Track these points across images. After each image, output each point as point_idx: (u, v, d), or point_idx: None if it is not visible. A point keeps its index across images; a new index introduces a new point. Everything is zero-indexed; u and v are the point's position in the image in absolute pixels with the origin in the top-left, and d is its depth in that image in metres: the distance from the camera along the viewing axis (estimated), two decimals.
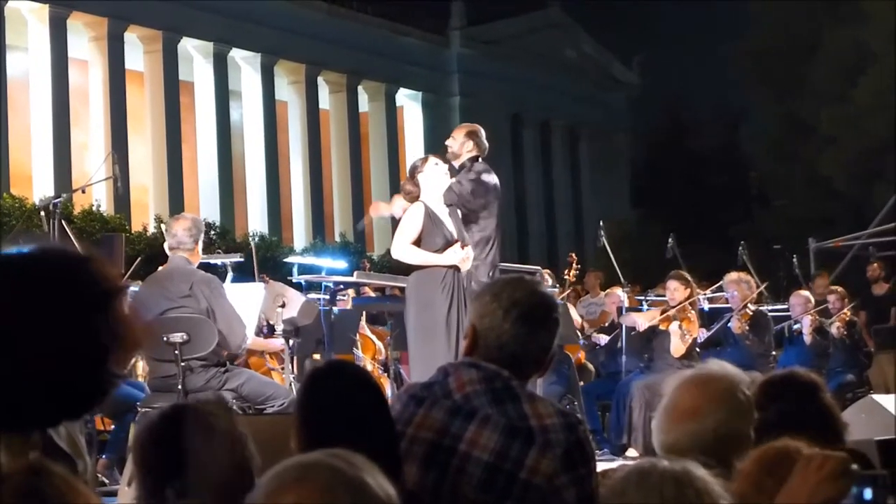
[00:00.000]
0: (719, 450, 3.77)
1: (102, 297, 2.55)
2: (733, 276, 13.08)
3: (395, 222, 9.67)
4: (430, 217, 8.88)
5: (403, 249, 8.88)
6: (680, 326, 11.47)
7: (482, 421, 3.64)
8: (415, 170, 9.12)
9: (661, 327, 11.69)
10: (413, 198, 9.06)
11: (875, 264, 17.82)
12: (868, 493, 2.74)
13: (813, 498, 2.77)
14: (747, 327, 12.30)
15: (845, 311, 14.38)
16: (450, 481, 3.62)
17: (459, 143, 9.86)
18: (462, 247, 8.95)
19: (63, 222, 10.10)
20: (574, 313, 14.44)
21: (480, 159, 9.91)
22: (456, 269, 8.85)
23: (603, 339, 13.41)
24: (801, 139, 40.74)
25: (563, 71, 46.10)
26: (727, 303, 13.27)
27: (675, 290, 11.79)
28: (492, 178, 9.83)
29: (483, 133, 10.10)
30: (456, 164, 9.77)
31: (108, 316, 2.54)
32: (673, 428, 3.85)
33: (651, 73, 51.10)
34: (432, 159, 9.20)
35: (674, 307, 11.69)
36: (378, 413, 3.56)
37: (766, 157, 44.11)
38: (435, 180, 9.02)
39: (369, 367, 11.88)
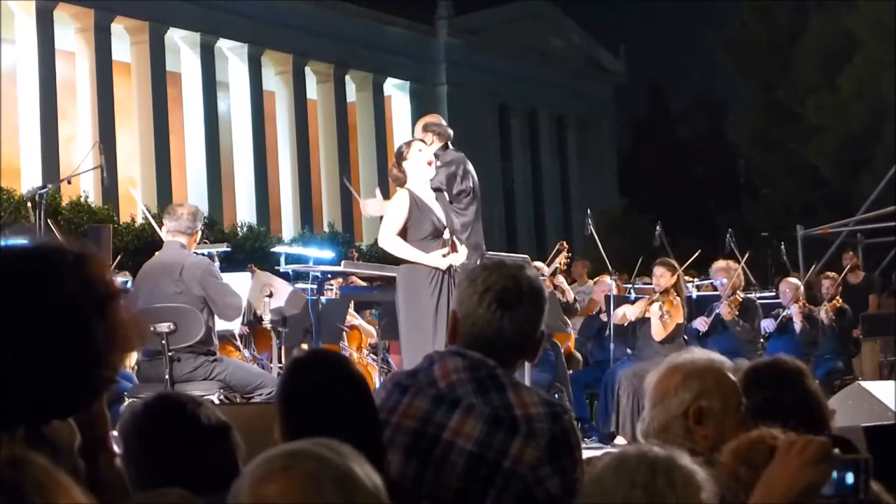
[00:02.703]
0: (687, 430, 3.77)
1: (101, 300, 2.54)
2: (721, 263, 13.08)
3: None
4: (417, 204, 8.84)
5: (389, 240, 8.84)
6: (660, 307, 11.48)
7: (466, 410, 3.62)
8: (400, 156, 9.08)
9: (647, 314, 11.71)
10: (401, 184, 9.04)
11: (850, 253, 17.93)
12: (850, 478, 2.74)
13: (794, 483, 2.76)
14: (737, 313, 12.31)
15: (837, 298, 14.41)
16: (433, 470, 3.60)
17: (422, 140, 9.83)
18: (450, 234, 8.95)
19: (49, 220, 10.10)
20: (568, 289, 14.47)
21: (450, 144, 9.87)
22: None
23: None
24: (787, 127, 40.78)
25: (550, 60, 46.13)
26: (715, 290, 13.28)
27: (660, 277, 11.81)
28: (465, 164, 9.79)
29: (440, 120, 10.10)
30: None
31: (106, 319, 2.53)
32: (647, 413, 3.86)
33: (637, 62, 51.15)
34: (416, 144, 9.14)
35: (659, 293, 11.70)
36: (360, 402, 3.56)
37: (751, 145, 44.15)
38: (419, 166, 8.97)
39: (356, 357, 11.89)
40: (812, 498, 2.76)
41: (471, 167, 9.90)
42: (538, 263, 13.57)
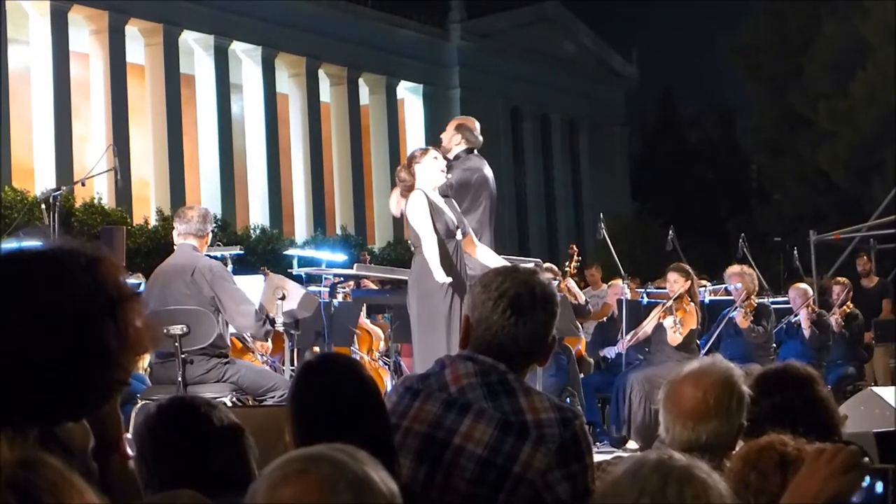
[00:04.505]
0: (733, 446, 3.80)
1: (112, 303, 2.54)
2: (736, 268, 13.01)
3: (396, 216, 9.66)
4: (431, 205, 8.86)
5: (432, 246, 8.77)
6: (674, 320, 11.46)
7: (477, 415, 3.63)
8: (413, 159, 9.08)
9: (661, 320, 11.69)
10: (407, 186, 9.03)
11: (864, 257, 17.88)
12: (880, 487, 2.71)
13: (822, 491, 2.71)
14: (752, 319, 12.25)
15: (848, 303, 14.38)
16: (442, 474, 3.61)
17: (449, 137, 9.91)
18: (464, 235, 8.97)
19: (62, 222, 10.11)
20: (579, 292, 14.50)
21: (475, 151, 9.93)
22: (457, 260, 8.84)
23: (612, 351, 13.25)
24: (799, 133, 40.71)
25: (563, 64, 46.13)
26: (728, 295, 13.24)
27: (674, 282, 11.77)
28: (483, 171, 9.83)
29: (476, 126, 10.11)
30: (449, 157, 9.76)
31: (118, 322, 2.53)
32: (696, 426, 3.83)
33: (649, 67, 51.11)
34: (432, 152, 9.15)
35: (673, 299, 11.68)
36: (370, 405, 3.56)
37: (762, 150, 44.10)
38: (431, 173, 8.97)
39: (366, 361, 11.89)
40: None
41: (489, 175, 9.94)
42: (549, 266, 13.58)
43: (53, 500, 1.98)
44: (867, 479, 2.71)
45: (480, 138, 10.08)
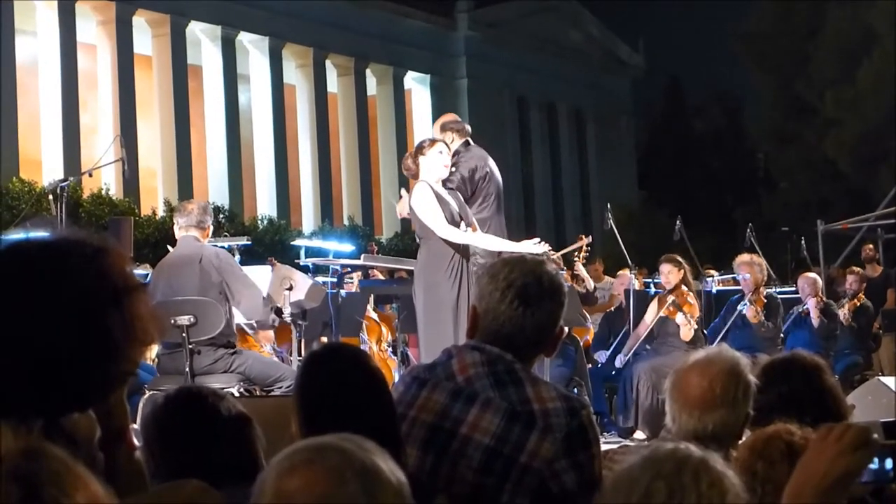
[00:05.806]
0: (740, 435, 3.80)
1: (118, 294, 2.54)
2: (745, 257, 12.91)
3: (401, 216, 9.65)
4: (436, 195, 8.86)
5: (448, 230, 8.77)
6: (685, 317, 11.46)
7: (483, 404, 3.63)
8: (420, 149, 9.07)
9: (663, 314, 11.68)
10: (413, 175, 9.04)
11: (870, 245, 17.85)
12: (889, 464, 2.69)
13: (831, 471, 2.67)
14: (763, 314, 12.16)
15: (860, 294, 14.35)
16: (449, 464, 3.61)
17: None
18: (468, 226, 8.96)
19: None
20: (588, 277, 14.50)
21: (471, 141, 9.92)
22: (464, 250, 8.83)
23: (604, 355, 13.27)
24: (805, 121, 40.66)
25: (570, 54, 46.06)
26: (737, 284, 13.20)
27: (668, 274, 11.80)
28: (487, 163, 9.83)
29: (456, 117, 10.20)
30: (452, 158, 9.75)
31: (124, 313, 2.53)
32: (702, 415, 3.83)
33: (655, 56, 51.05)
34: (439, 145, 9.11)
35: (670, 291, 11.69)
36: (376, 395, 3.56)
37: (769, 139, 44.05)
38: (435, 165, 8.95)
39: (375, 351, 11.90)
40: (849, 485, 2.70)
41: (493, 165, 9.93)
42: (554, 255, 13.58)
43: (57, 491, 1.97)
44: (875, 459, 2.70)
45: (468, 126, 10.10)
